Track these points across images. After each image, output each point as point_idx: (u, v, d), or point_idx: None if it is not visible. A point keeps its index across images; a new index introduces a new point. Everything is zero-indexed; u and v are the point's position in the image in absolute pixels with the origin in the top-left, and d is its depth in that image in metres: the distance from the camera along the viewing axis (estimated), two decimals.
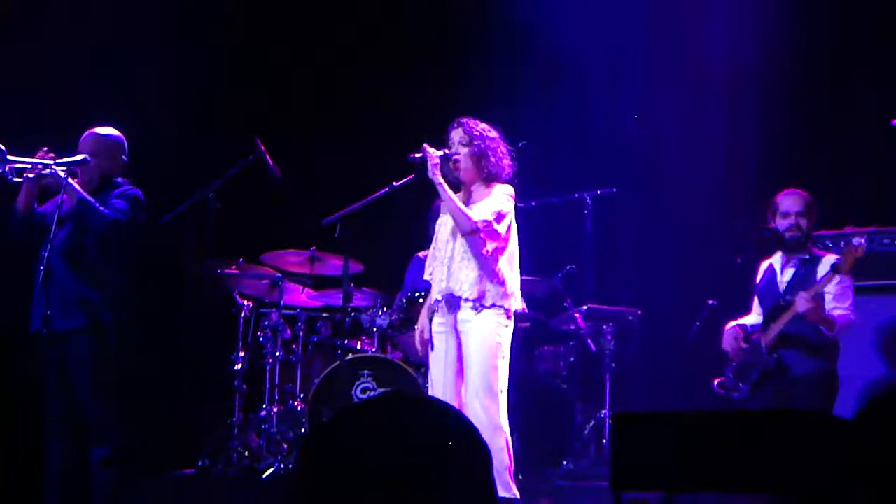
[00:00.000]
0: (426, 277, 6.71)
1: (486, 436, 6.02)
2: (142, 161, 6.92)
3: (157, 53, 9.00)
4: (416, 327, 6.92)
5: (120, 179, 6.66)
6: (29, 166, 6.38)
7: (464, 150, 6.42)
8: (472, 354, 6.30)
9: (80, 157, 6.50)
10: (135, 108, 8.46)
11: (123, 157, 6.72)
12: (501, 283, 6.37)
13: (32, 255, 6.39)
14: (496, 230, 6.33)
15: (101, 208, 6.38)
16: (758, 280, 6.97)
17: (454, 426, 3.78)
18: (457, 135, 6.45)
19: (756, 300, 6.98)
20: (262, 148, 7.73)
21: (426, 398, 5.99)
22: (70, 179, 6.39)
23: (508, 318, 6.41)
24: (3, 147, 6.36)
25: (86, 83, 8.49)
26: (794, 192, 6.80)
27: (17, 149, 6.43)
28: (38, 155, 6.41)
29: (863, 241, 6.38)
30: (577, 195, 8.68)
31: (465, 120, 6.48)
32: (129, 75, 8.81)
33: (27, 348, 6.49)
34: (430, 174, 6.32)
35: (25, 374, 6.65)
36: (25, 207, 6.44)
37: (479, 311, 6.32)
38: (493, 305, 6.34)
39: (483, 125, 6.47)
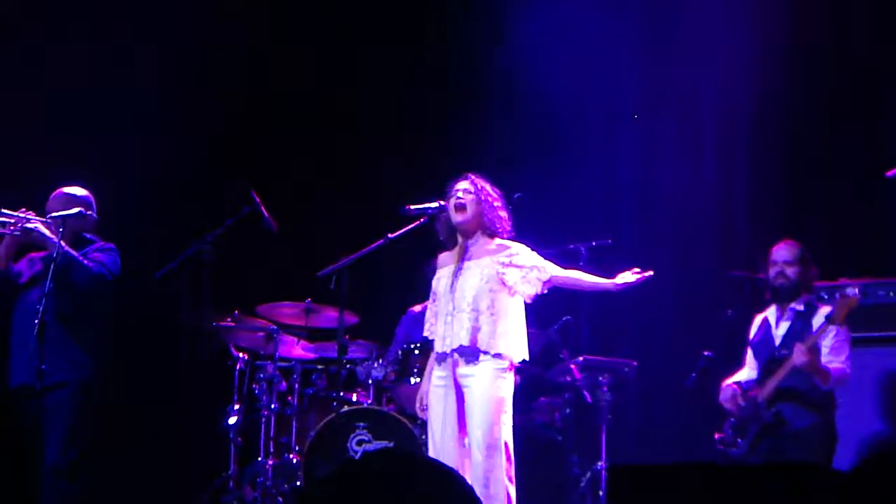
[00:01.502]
0: (426, 333, 6.70)
1: (489, 489, 6.01)
2: (136, 214, 6.96)
3: (150, 104, 9.04)
4: (411, 380, 6.89)
5: (89, 236, 6.72)
6: (12, 220, 6.42)
7: (469, 196, 6.45)
8: (476, 408, 6.25)
9: (74, 210, 6.53)
10: (129, 161, 8.49)
11: (92, 213, 6.78)
12: (504, 335, 6.35)
13: (4, 311, 6.43)
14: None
15: (88, 263, 6.43)
16: (752, 334, 6.96)
17: (447, 484, 3.78)
18: (463, 185, 6.50)
19: (750, 354, 6.97)
20: (258, 200, 7.75)
21: (420, 457, 5.97)
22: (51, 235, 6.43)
23: (511, 370, 6.39)
24: None
25: (77, 135, 8.52)
26: (784, 244, 6.85)
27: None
28: (21, 212, 6.46)
29: (856, 291, 6.40)
30: (572, 246, 8.68)
31: (471, 175, 6.54)
32: (121, 125, 8.84)
33: (9, 402, 6.51)
34: None
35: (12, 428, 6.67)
36: (2, 264, 6.48)
37: (482, 365, 6.30)
38: (497, 357, 6.31)
39: (488, 185, 6.53)
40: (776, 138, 9.20)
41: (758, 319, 6.96)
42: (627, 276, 6.44)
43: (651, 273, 6.43)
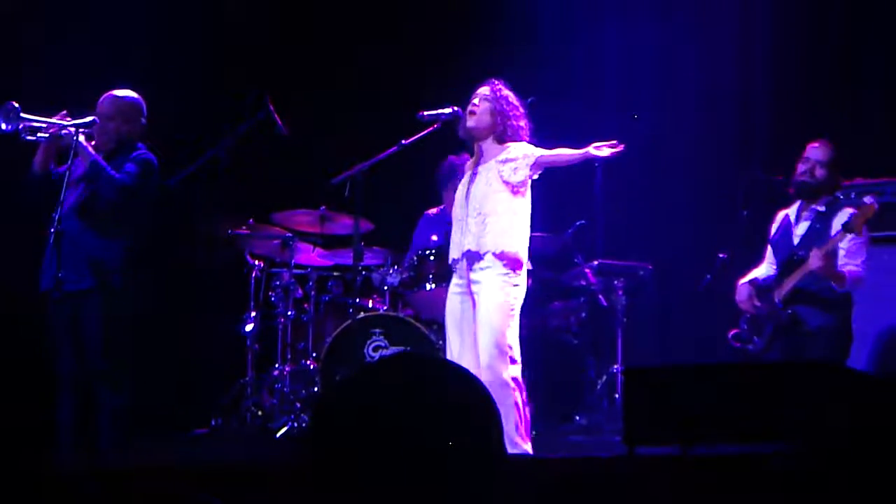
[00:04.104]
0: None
1: (494, 394, 6.07)
2: (150, 121, 6.90)
3: (166, 11, 8.98)
4: (427, 286, 6.90)
5: (140, 144, 6.66)
6: (44, 125, 6.39)
7: (484, 104, 6.42)
8: (483, 313, 6.27)
9: (89, 118, 6.49)
10: (143, 68, 8.44)
11: (142, 119, 6.70)
12: (506, 233, 6.33)
13: (45, 216, 6.39)
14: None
15: (112, 172, 6.39)
16: (773, 230, 6.95)
17: (464, 386, 3.79)
18: (483, 91, 6.47)
19: (770, 250, 6.96)
20: (271, 107, 7.71)
21: (437, 359, 6.00)
22: (84, 141, 6.39)
23: (519, 273, 6.37)
24: (17, 104, 6.35)
25: (94, 40, 8.47)
26: (821, 143, 6.80)
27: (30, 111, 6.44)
28: (58, 116, 6.42)
29: (873, 199, 6.38)
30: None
31: (496, 80, 6.50)
32: (138, 33, 8.79)
33: (37, 307, 6.50)
34: None
35: (35, 332, 6.68)
36: (42, 167, 6.45)
37: (489, 270, 6.29)
38: (501, 258, 6.30)
39: (511, 94, 6.48)
40: (796, 36, 9.10)
41: (780, 216, 6.95)
42: (603, 149, 6.41)
43: (623, 147, 6.40)
